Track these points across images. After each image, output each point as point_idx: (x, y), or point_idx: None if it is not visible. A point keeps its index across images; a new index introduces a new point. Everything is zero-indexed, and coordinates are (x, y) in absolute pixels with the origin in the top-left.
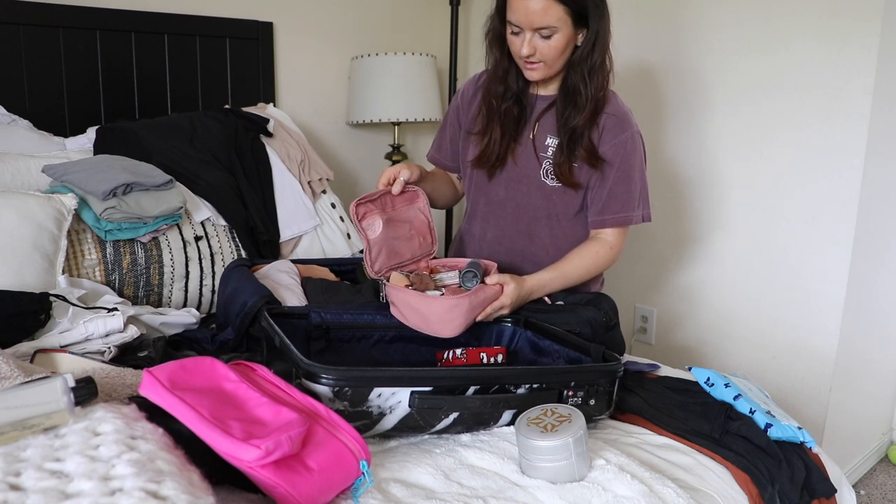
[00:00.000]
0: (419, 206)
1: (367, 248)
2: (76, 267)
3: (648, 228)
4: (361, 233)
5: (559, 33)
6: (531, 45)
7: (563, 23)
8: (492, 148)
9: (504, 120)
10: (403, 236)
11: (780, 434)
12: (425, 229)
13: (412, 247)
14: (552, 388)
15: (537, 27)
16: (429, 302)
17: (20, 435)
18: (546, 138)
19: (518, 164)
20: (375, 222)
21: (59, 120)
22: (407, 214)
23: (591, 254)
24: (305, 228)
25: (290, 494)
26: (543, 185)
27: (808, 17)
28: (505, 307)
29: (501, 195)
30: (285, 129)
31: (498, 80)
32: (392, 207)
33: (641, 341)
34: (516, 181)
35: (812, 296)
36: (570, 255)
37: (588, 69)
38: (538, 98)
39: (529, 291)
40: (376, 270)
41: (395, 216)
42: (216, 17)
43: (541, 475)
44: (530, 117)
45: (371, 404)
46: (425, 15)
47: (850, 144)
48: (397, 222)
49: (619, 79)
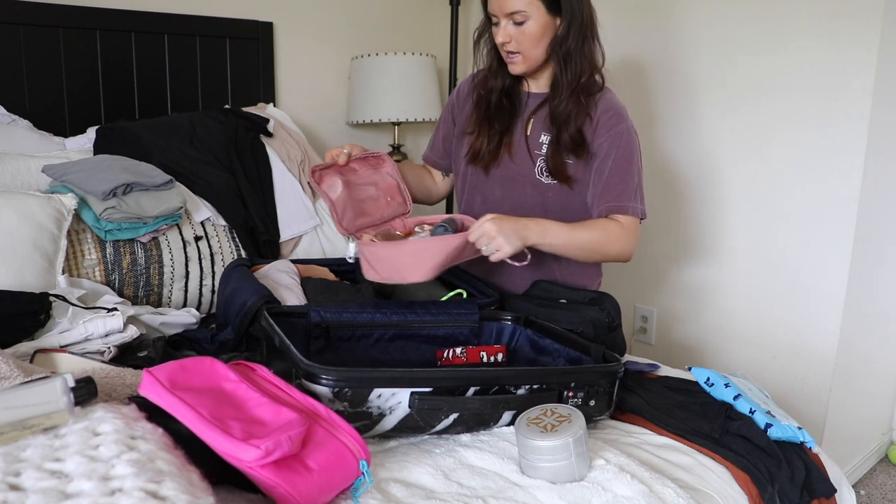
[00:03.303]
0: (386, 171)
1: (331, 208)
2: (76, 267)
3: (648, 228)
4: (323, 195)
5: (532, 20)
6: (506, 33)
7: (535, 8)
8: (482, 141)
9: (495, 114)
10: (370, 197)
11: (779, 434)
12: (394, 190)
13: (380, 207)
14: (552, 388)
15: (508, 13)
16: (395, 248)
17: (20, 435)
18: (540, 135)
19: (514, 162)
20: (335, 183)
21: (59, 120)
22: (372, 178)
23: (601, 225)
24: (305, 228)
25: (289, 494)
26: (539, 182)
27: (808, 16)
28: (491, 234)
29: (498, 194)
30: (285, 129)
31: (489, 75)
32: (353, 172)
33: (641, 341)
34: (511, 179)
35: (812, 296)
36: (583, 223)
37: (563, 53)
38: (530, 95)
39: (522, 225)
40: (345, 227)
41: (356, 179)
42: (216, 17)
43: (541, 475)
44: (523, 114)
45: (371, 405)
46: (425, 15)
47: (850, 144)
48: (360, 185)
49: (620, 78)
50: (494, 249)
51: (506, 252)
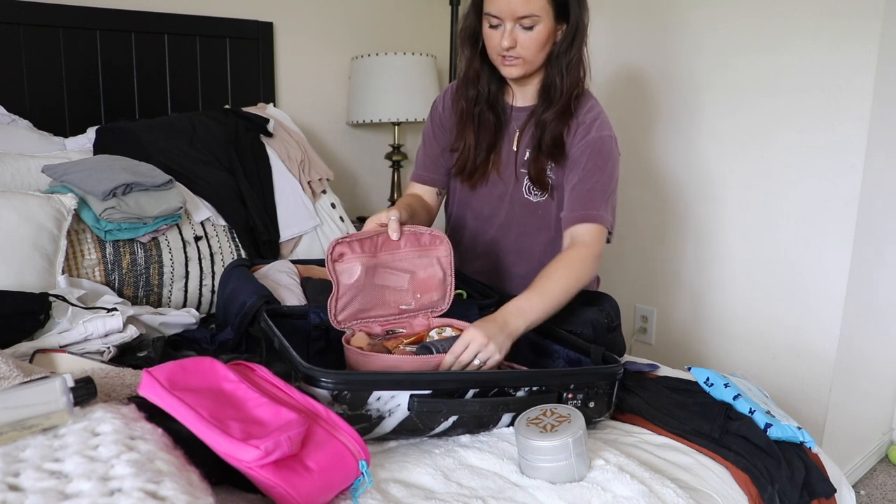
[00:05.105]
0: (438, 255)
1: (334, 293)
2: (76, 267)
3: (649, 228)
4: (333, 275)
5: (541, 24)
6: (512, 37)
7: (546, 12)
8: (467, 155)
9: (478, 126)
10: (395, 288)
11: (779, 434)
12: (436, 284)
13: (402, 299)
14: (552, 390)
15: (520, 16)
16: (366, 359)
17: (19, 435)
18: (526, 153)
19: (501, 180)
20: (353, 267)
21: (59, 120)
22: (412, 263)
23: (569, 262)
24: (305, 228)
25: (289, 494)
26: (528, 202)
27: (807, 16)
28: (476, 345)
29: (486, 212)
30: (285, 129)
31: (469, 82)
32: (387, 251)
33: (641, 341)
34: (498, 198)
35: (812, 296)
36: (545, 272)
37: (566, 64)
38: (514, 109)
39: (503, 323)
40: (339, 321)
41: (390, 261)
42: (216, 17)
43: (540, 475)
44: (507, 128)
45: (370, 408)
46: (425, 15)
47: (850, 144)
48: (390, 270)
49: (619, 78)
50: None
51: (496, 361)
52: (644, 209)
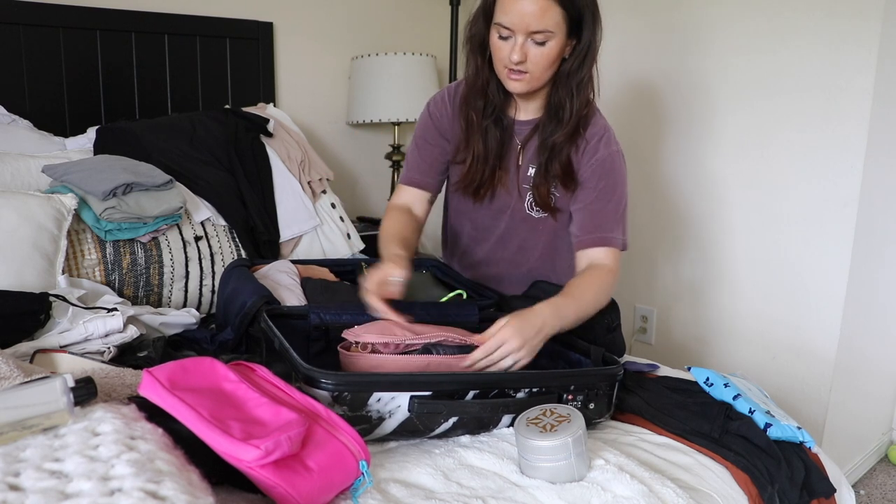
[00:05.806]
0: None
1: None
2: (76, 267)
3: (648, 229)
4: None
5: (554, 40)
6: (522, 51)
7: (559, 28)
8: (476, 168)
9: (486, 139)
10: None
11: (779, 434)
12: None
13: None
14: (552, 391)
15: (533, 31)
16: (355, 359)
17: (19, 435)
18: (529, 168)
19: (504, 194)
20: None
21: (59, 120)
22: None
23: (599, 279)
24: (305, 228)
25: (289, 494)
26: (528, 217)
27: (808, 16)
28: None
29: (487, 223)
30: (285, 129)
31: (478, 91)
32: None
33: (641, 341)
34: (500, 211)
35: (812, 296)
36: (578, 282)
37: (577, 83)
38: (517, 123)
39: (542, 325)
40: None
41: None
42: (216, 17)
43: (540, 475)
44: (511, 142)
45: (370, 409)
46: (425, 15)
47: (850, 144)
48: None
49: (617, 81)
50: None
51: (524, 363)
52: (643, 209)
